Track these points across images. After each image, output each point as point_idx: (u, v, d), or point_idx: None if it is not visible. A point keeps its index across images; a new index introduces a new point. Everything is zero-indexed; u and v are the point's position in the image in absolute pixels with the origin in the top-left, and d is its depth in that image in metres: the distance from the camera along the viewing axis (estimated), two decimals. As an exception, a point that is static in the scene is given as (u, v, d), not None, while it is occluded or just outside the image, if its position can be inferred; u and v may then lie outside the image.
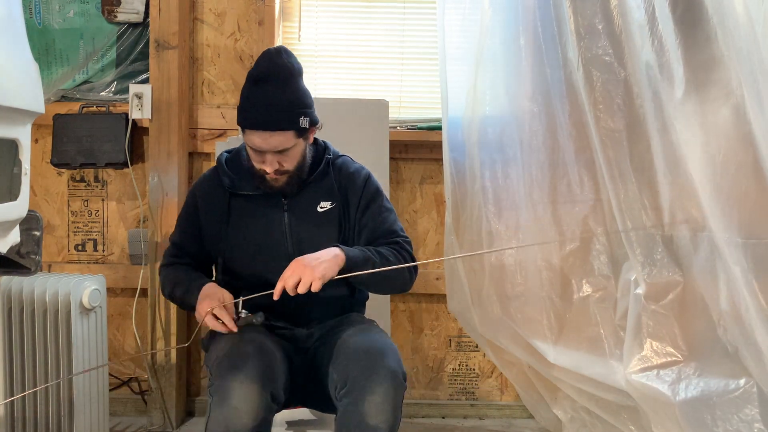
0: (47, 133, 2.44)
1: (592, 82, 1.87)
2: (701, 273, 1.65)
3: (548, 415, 2.31)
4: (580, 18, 1.87)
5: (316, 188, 1.66)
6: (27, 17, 2.41)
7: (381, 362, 1.41)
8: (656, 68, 1.70)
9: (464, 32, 2.19)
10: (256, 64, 1.57)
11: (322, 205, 1.65)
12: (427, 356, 2.59)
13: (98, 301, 2.03)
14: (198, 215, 1.68)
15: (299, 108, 1.54)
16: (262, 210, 1.64)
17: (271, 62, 1.55)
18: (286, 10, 2.54)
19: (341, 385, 1.42)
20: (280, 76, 1.53)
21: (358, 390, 1.39)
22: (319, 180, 1.66)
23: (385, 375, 1.39)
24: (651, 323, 1.77)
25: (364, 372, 1.40)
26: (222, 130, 2.48)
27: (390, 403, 1.38)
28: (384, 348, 1.47)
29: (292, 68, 1.56)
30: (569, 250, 2.05)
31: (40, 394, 1.99)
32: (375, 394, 1.37)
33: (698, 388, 1.69)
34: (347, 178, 1.68)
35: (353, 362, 1.43)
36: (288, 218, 1.63)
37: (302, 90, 1.58)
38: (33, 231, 1.11)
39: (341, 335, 1.55)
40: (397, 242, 1.64)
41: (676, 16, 1.66)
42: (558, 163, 2.05)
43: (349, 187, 1.67)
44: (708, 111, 1.64)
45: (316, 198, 1.65)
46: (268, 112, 1.51)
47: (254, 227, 1.64)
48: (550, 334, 2.07)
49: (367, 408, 1.37)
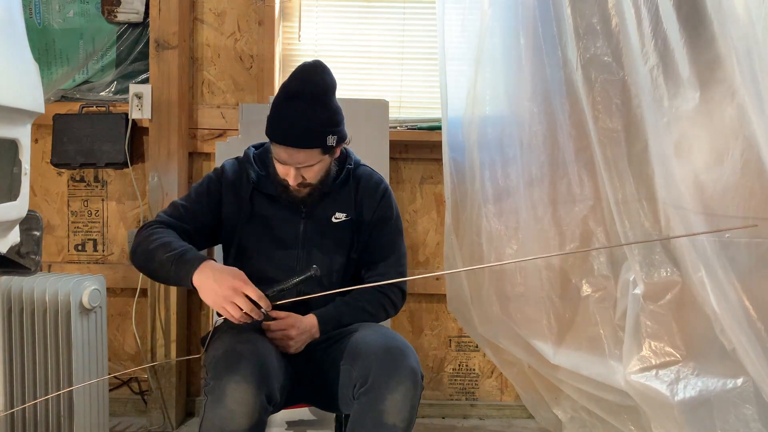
0: (47, 133, 2.44)
1: (591, 82, 1.87)
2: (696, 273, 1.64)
3: (548, 415, 2.31)
4: (579, 18, 1.87)
5: (334, 198, 1.67)
6: (27, 17, 2.41)
7: (403, 361, 1.42)
8: (659, 68, 1.70)
9: (464, 32, 2.19)
10: (291, 77, 1.55)
11: (337, 216, 1.65)
12: (427, 356, 2.59)
13: (98, 301, 2.03)
14: (221, 196, 1.66)
15: (328, 127, 1.54)
16: (281, 213, 1.65)
17: (305, 78, 1.54)
18: (286, 10, 2.54)
19: (361, 382, 1.42)
20: (312, 94, 1.52)
21: (379, 388, 1.39)
22: (338, 190, 1.67)
23: (406, 374, 1.40)
24: (649, 323, 1.77)
25: (387, 370, 1.40)
26: (222, 130, 2.48)
27: (409, 403, 1.39)
28: (405, 347, 1.47)
29: (326, 85, 1.56)
30: (569, 250, 2.05)
31: (40, 394, 1.99)
32: (396, 393, 1.38)
33: (696, 388, 1.69)
34: (365, 190, 1.69)
35: (375, 360, 1.43)
36: (304, 226, 1.64)
37: (333, 108, 1.57)
38: (33, 231, 1.11)
39: (354, 334, 1.55)
40: (383, 292, 1.66)
41: (681, 15, 1.65)
42: (558, 163, 2.05)
43: (366, 201, 1.68)
44: (714, 110, 1.64)
45: (333, 208, 1.66)
46: (295, 129, 1.51)
47: (271, 227, 1.64)
48: (549, 334, 2.07)
49: (387, 406, 1.37)
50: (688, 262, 1.66)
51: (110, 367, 2.46)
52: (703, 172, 1.67)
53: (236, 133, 2.41)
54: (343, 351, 1.52)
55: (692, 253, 1.63)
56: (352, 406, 1.46)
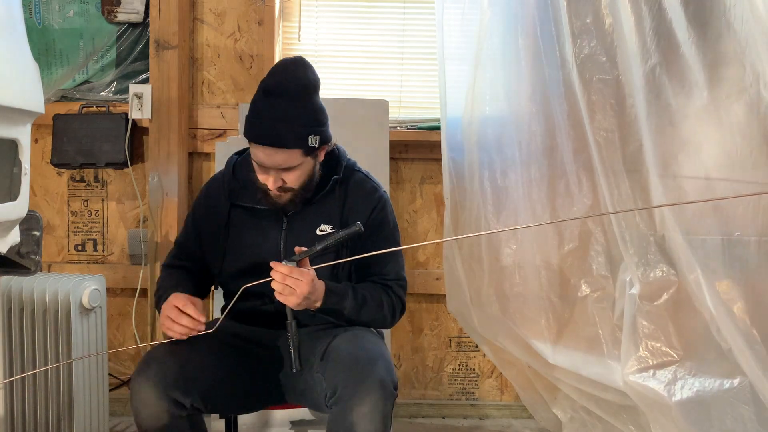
0: (47, 133, 2.44)
1: (587, 82, 1.87)
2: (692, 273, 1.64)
3: (548, 415, 2.32)
4: (575, 17, 1.87)
5: (319, 209, 1.58)
6: (27, 17, 2.42)
7: (370, 372, 1.36)
8: (662, 66, 1.70)
9: (463, 32, 2.19)
10: (269, 74, 1.48)
11: (321, 228, 1.56)
12: (427, 356, 2.59)
13: (98, 301, 2.03)
14: (201, 223, 1.65)
15: (309, 126, 1.46)
16: (260, 225, 1.58)
17: (285, 74, 1.47)
18: (286, 10, 2.54)
19: (330, 392, 1.40)
20: (291, 90, 1.44)
21: (347, 399, 1.35)
22: (323, 200, 1.58)
23: (374, 385, 1.34)
24: (646, 323, 1.77)
25: (353, 381, 1.36)
26: (222, 130, 2.48)
27: (379, 413, 1.34)
28: (374, 357, 1.41)
29: (307, 82, 1.47)
30: (568, 250, 2.05)
31: (40, 394, 1.99)
32: (363, 405, 1.33)
33: (693, 388, 1.69)
34: (356, 198, 1.59)
35: (342, 370, 1.39)
36: (285, 238, 1.57)
37: (315, 106, 1.49)
38: (33, 231, 1.12)
39: (333, 339, 1.51)
40: (387, 284, 1.58)
41: (689, 12, 1.65)
42: (556, 163, 2.05)
43: (356, 210, 1.58)
44: (721, 108, 1.64)
45: (317, 220, 1.57)
46: (274, 127, 1.43)
47: (250, 242, 1.58)
48: (548, 334, 2.07)
49: (355, 418, 1.33)
50: (684, 262, 1.66)
51: (110, 367, 2.47)
52: (712, 171, 1.66)
53: (236, 133, 2.42)
54: (317, 356, 1.49)
55: (688, 252, 1.63)
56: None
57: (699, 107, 1.66)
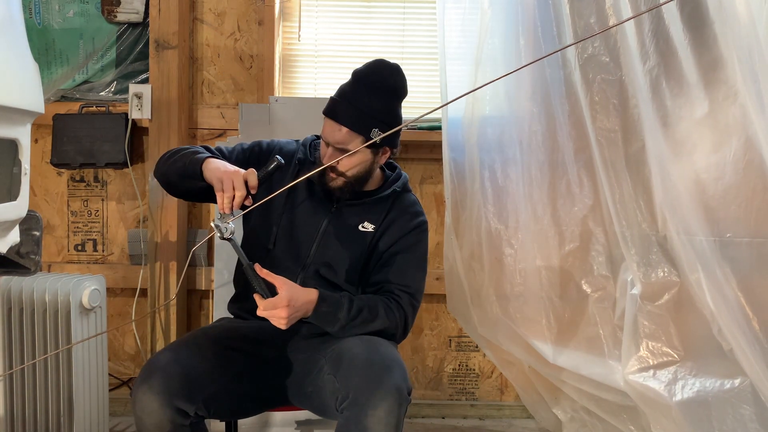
0: (47, 133, 2.44)
1: (589, 82, 1.87)
2: (693, 273, 1.64)
3: (548, 416, 2.32)
4: (578, 17, 1.87)
5: (367, 209, 1.64)
6: (27, 17, 2.41)
7: (386, 377, 1.36)
8: (661, 67, 1.70)
9: (464, 32, 2.19)
10: (366, 65, 1.58)
11: (364, 225, 1.63)
12: (427, 356, 2.59)
13: (98, 301, 2.03)
14: (262, 159, 1.63)
15: (378, 121, 1.53)
16: (311, 202, 1.64)
17: (379, 70, 1.57)
18: (286, 10, 2.54)
19: (343, 396, 1.38)
20: (378, 86, 1.54)
21: (361, 404, 1.34)
22: (374, 204, 1.65)
23: (390, 391, 1.34)
24: (647, 323, 1.78)
25: (369, 386, 1.35)
26: (222, 130, 2.48)
27: (394, 419, 1.34)
28: (390, 362, 1.41)
29: (395, 86, 1.57)
30: (568, 250, 2.05)
31: (40, 394, 1.99)
32: (378, 409, 1.32)
33: (694, 388, 1.69)
34: (399, 214, 1.65)
35: (357, 374, 1.38)
36: (325, 225, 1.62)
37: (391, 110, 1.57)
38: (33, 231, 1.11)
39: (345, 342, 1.50)
40: (396, 299, 1.59)
41: (684, 14, 1.65)
42: (557, 163, 2.05)
43: (397, 222, 1.64)
44: (716, 110, 1.64)
45: (363, 217, 1.64)
46: (346, 107, 1.53)
47: (295, 213, 1.63)
48: (549, 334, 2.07)
49: (369, 423, 1.32)
50: (685, 262, 1.66)
51: (110, 367, 2.47)
52: (704, 172, 1.67)
53: (236, 133, 2.41)
54: (334, 359, 1.48)
55: (690, 253, 1.63)
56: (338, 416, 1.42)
57: (694, 108, 1.67)
